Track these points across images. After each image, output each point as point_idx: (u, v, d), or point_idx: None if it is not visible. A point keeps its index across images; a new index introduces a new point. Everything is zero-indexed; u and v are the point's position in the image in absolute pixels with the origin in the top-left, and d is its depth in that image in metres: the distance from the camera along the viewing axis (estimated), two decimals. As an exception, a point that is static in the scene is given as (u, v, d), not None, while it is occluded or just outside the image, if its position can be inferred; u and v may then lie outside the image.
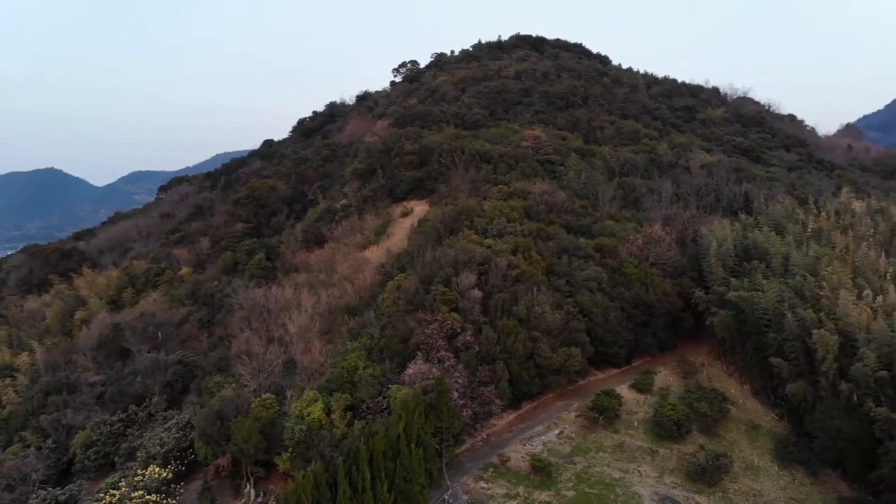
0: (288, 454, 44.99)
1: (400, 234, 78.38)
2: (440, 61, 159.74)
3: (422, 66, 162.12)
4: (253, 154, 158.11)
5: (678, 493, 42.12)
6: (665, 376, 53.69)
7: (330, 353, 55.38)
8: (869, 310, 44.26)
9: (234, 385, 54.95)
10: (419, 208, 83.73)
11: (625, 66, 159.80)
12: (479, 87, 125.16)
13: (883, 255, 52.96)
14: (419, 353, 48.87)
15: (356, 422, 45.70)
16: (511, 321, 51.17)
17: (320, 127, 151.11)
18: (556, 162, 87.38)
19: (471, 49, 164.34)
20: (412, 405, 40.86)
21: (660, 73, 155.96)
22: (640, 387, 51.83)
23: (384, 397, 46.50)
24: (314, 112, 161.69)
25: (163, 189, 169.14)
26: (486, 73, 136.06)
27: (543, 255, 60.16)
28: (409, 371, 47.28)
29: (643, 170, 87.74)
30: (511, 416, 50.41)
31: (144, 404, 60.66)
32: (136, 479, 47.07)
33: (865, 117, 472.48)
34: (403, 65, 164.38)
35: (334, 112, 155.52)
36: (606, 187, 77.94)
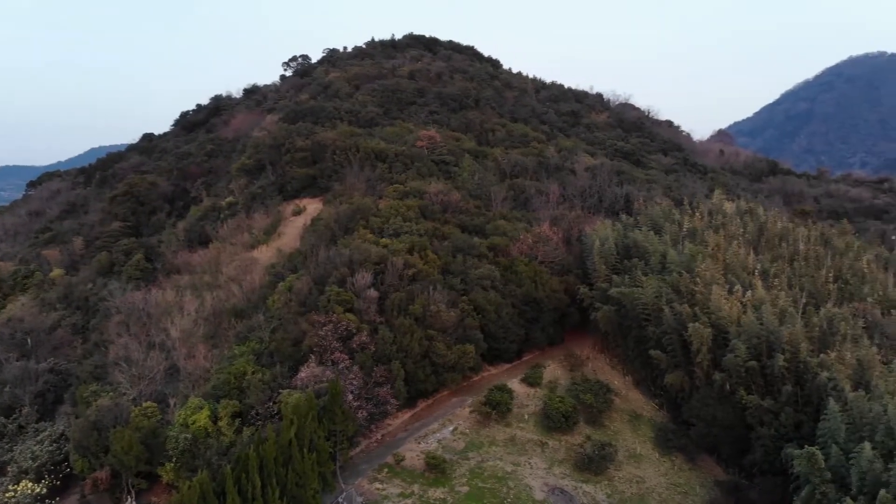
0: (172, 464, 42.94)
1: (291, 234, 76.58)
2: (332, 57, 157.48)
3: (313, 61, 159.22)
4: (131, 148, 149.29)
5: (567, 484, 43.66)
6: (553, 370, 55.55)
7: (216, 358, 53.29)
8: (739, 304, 47.62)
9: (111, 394, 51.75)
10: (312, 207, 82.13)
11: (514, 71, 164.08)
12: (374, 86, 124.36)
13: (751, 252, 57.33)
14: (312, 356, 47.89)
15: (245, 429, 44.20)
16: (407, 320, 51.20)
17: (205, 121, 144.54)
18: (451, 162, 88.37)
19: (364, 46, 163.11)
20: (304, 409, 40.05)
21: (547, 79, 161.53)
22: (531, 381, 53.35)
23: (275, 402, 45.28)
24: (198, 105, 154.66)
25: (32, 185, 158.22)
26: (381, 71, 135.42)
27: (439, 254, 60.67)
28: (302, 374, 46.26)
29: (532, 171, 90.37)
30: (406, 415, 50.47)
31: (14, 416, 56.38)
32: (6, 495, 43.89)
33: (736, 124, 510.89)
34: (294, 59, 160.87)
35: (220, 105, 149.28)
36: (498, 188, 79.73)
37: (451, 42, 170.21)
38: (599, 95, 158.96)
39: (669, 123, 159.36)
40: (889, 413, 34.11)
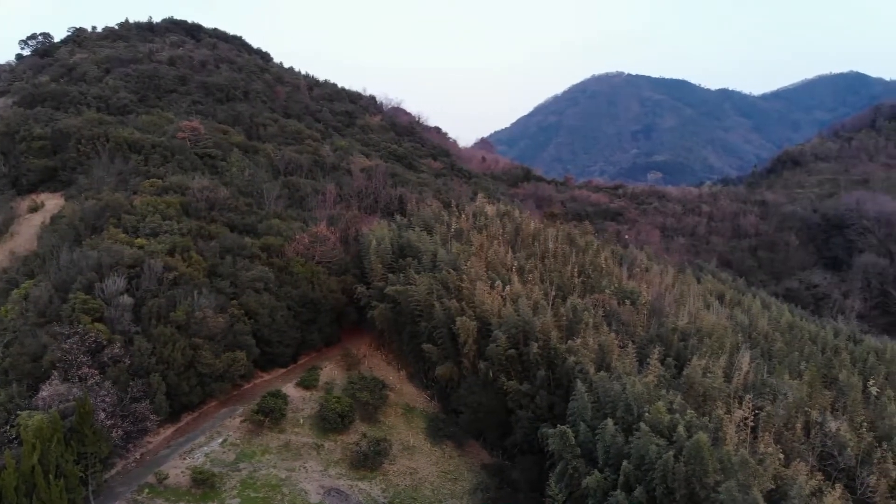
0: None
1: (27, 234, 67.25)
2: (79, 37, 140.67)
3: (56, 40, 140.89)
4: None
5: (342, 483, 43.56)
6: (330, 370, 55.12)
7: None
8: (500, 298, 51.21)
9: None
10: (52, 203, 72.82)
11: (286, 66, 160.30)
12: (128, 70, 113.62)
13: (509, 251, 61.98)
14: (55, 373, 42.05)
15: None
16: (168, 329, 47.21)
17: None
18: (218, 157, 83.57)
19: (117, 27, 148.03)
20: (48, 432, 35.27)
21: (321, 77, 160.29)
22: (307, 384, 52.36)
23: (12, 426, 39.09)
24: None
25: None
26: (136, 55, 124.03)
27: (205, 256, 56.85)
28: (44, 394, 40.44)
29: (307, 170, 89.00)
30: (169, 430, 46.61)
31: None
32: None
33: (496, 133, 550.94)
34: (33, 37, 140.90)
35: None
36: (272, 185, 77.06)
37: (216, 30, 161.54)
38: (373, 98, 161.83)
39: (438, 130, 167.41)
40: (627, 391, 38.83)
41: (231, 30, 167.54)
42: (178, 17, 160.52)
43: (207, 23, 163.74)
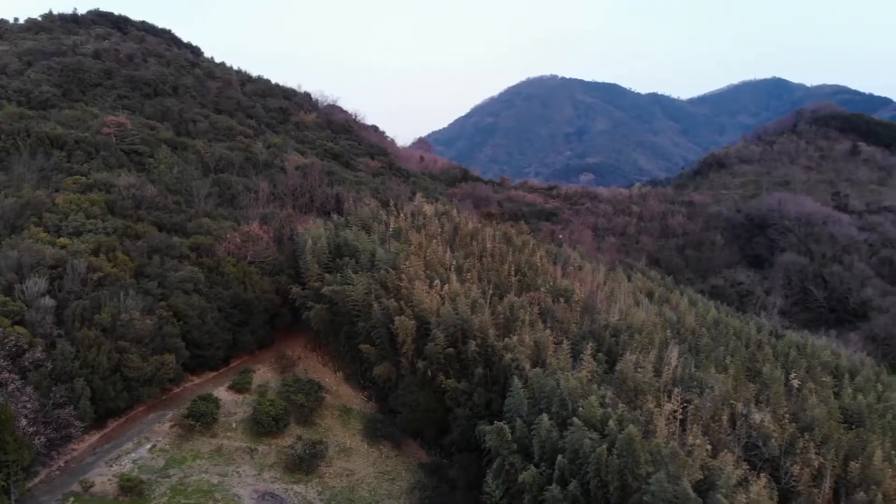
0: None
1: (-64, 232, 62.76)
2: (0, 28, 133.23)
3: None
4: None
5: (277, 487, 42.74)
6: (264, 373, 53.98)
7: None
8: (438, 297, 51.30)
9: None
10: (-36, 200, 68.25)
11: (218, 60, 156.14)
12: (51, 63, 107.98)
13: (448, 250, 62.17)
14: (-32, 378, 39.70)
15: None
16: (93, 331, 45.24)
17: None
18: (145, 153, 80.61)
19: (40, 19, 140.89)
20: (-40, 442, 33.16)
21: (254, 72, 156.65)
22: (239, 387, 51.09)
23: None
24: None
25: None
26: (60, 47, 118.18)
27: (132, 256, 54.74)
28: (-45, 400, 38.07)
29: (239, 167, 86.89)
30: (95, 436, 44.74)
31: None
32: None
33: (434, 133, 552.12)
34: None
35: None
36: (202, 183, 74.85)
37: (144, 23, 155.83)
38: (308, 95, 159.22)
39: (375, 128, 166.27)
40: (562, 386, 39.53)
41: (160, 23, 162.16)
42: (104, 8, 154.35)
43: (135, 15, 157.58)
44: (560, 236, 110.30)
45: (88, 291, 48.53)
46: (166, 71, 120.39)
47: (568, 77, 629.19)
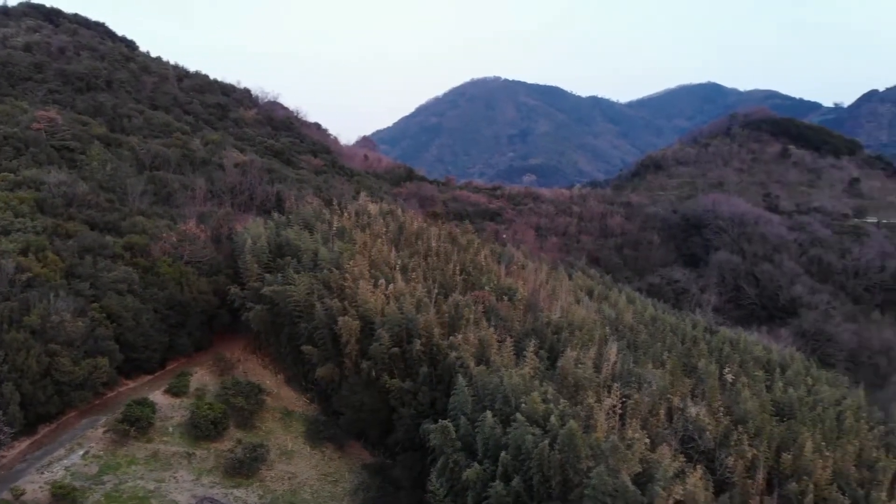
0: None
1: None
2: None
3: None
4: None
5: (216, 492, 41.68)
6: (202, 376, 52.57)
7: None
8: (383, 296, 50.90)
9: None
10: None
11: (154, 55, 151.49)
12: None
13: (393, 249, 61.88)
14: None
15: None
16: (21, 334, 43.11)
17: None
18: (77, 150, 77.51)
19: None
20: None
21: (191, 67, 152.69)
22: (176, 390, 49.59)
23: None
24: None
25: None
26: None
27: (62, 256, 52.48)
28: None
29: (176, 165, 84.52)
30: (25, 443, 42.67)
31: None
32: None
33: (378, 132, 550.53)
34: None
35: None
36: (136, 181, 72.42)
37: (76, 15, 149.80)
38: (247, 91, 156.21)
39: (318, 126, 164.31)
40: (505, 383, 39.82)
41: (94, 15, 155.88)
42: (35, 0, 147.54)
43: (68, 7, 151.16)
44: (504, 236, 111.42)
45: (17, 293, 46.28)
46: (100, 65, 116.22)
47: (511, 79, 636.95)
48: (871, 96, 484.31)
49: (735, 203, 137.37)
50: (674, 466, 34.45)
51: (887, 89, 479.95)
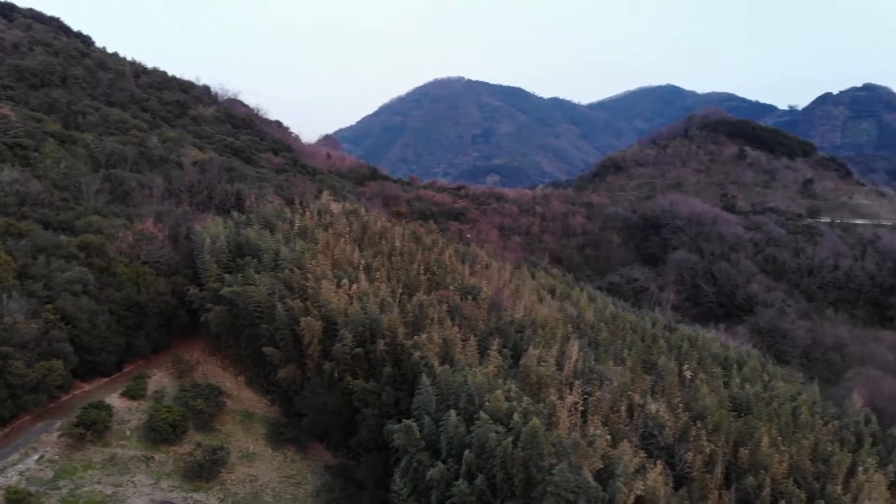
0: None
1: None
2: None
3: None
4: None
5: (176, 496, 40.94)
6: (160, 378, 51.54)
7: None
8: (346, 296, 50.59)
9: None
10: None
11: (110, 51, 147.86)
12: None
13: (356, 249, 61.54)
14: None
15: None
16: (-31, 336, 41.80)
17: None
18: (30, 147, 75.21)
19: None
20: None
21: (149, 64, 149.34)
22: (133, 393, 48.51)
23: None
24: None
25: None
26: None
27: (15, 256, 50.81)
28: None
29: (133, 163, 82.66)
30: (-25, 449, 41.39)
31: None
32: None
33: (341, 130, 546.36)
34: None
35: None
36: (91, 179, 70.67)
37: (31, 10, 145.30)
38: (207, 88, 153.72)
39: (279, 124, 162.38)
40: (469, 382, 39.97)
41: (50, 10, 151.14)
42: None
43: (22, 2, 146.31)
44: (468, 235, 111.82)
45: (-36, 295, 44.76)
46: (54, 60, 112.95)
47: (474, 80, 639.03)
48: (825, 99, 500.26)
49: (693, 203, 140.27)
50: (634, 462, 35.06)
51: (841, 92, 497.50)
